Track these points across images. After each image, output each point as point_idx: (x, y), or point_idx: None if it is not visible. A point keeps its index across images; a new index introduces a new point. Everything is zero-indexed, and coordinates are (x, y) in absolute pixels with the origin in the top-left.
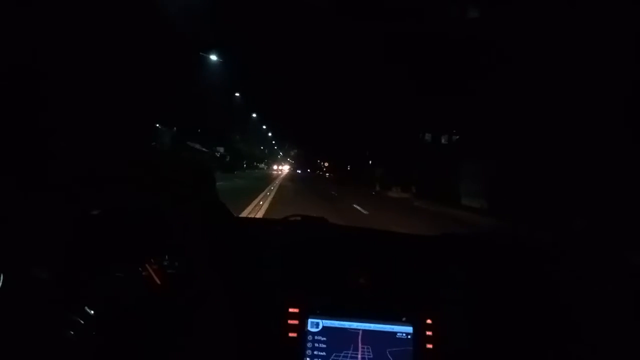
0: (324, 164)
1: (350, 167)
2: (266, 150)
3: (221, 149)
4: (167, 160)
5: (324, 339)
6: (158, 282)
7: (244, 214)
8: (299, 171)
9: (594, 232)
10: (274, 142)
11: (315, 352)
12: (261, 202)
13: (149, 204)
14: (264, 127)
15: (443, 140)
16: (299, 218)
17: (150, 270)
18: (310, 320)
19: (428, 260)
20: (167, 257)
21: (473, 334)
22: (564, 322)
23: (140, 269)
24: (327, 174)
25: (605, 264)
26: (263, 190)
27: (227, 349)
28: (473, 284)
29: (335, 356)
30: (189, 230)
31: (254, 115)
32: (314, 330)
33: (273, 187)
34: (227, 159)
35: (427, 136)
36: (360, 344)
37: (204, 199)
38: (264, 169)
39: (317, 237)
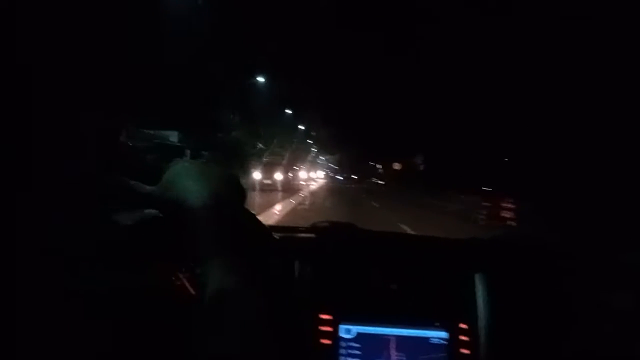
0: (392, 167)
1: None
2: (303, 152)
3: (169, 135)
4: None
5: (358, 345)
6: (192, 291)
7: None
8: (341, 177)
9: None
10: (311, 141)
11: (349, 359)
12: None
13: (179, 214)
14: (291, 118)
15: None
16: (327, 224)
17: (184, 280)
18: (342, 327)
19: (459, 264)
20: (199, 265)
21: (509, 338)
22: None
23: (173, 278)
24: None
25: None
26: None
27: (258, 357)
28: (505, 288)
29: None
30: (220, 238)
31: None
32: (347, 336)
33: None
34: (186, 155)
35: None
36: (394, 351)
37: (233, 206)
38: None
39: (347, 242)
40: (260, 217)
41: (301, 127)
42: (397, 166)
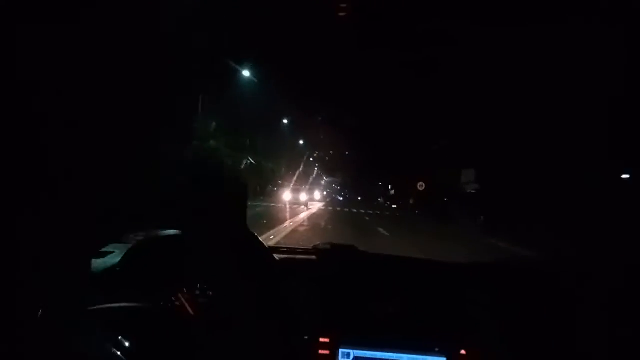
0: (409, 187)
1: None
2: (301, 169)
3: None
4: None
5: None
6: (191, 312)
7: None
8: (340, 198)
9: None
10: (314, 162)
11: None
12: None
13: (180, 231)
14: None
15: None
16: (328, 246)
17: (183, 300)
18: (341, 351)
19: (458, 288)
20: (198, 286)
21: None
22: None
23: (173, 298)
24: None
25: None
26: None
27: None
28: (503, 312)
29: None
30: (220, 259)
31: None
32: None
33: None
34: None
35: None
36: None
37: (234, 226)
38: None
39: (347, 265)
40: None
41: (302, 141)
42: (421, 186)
